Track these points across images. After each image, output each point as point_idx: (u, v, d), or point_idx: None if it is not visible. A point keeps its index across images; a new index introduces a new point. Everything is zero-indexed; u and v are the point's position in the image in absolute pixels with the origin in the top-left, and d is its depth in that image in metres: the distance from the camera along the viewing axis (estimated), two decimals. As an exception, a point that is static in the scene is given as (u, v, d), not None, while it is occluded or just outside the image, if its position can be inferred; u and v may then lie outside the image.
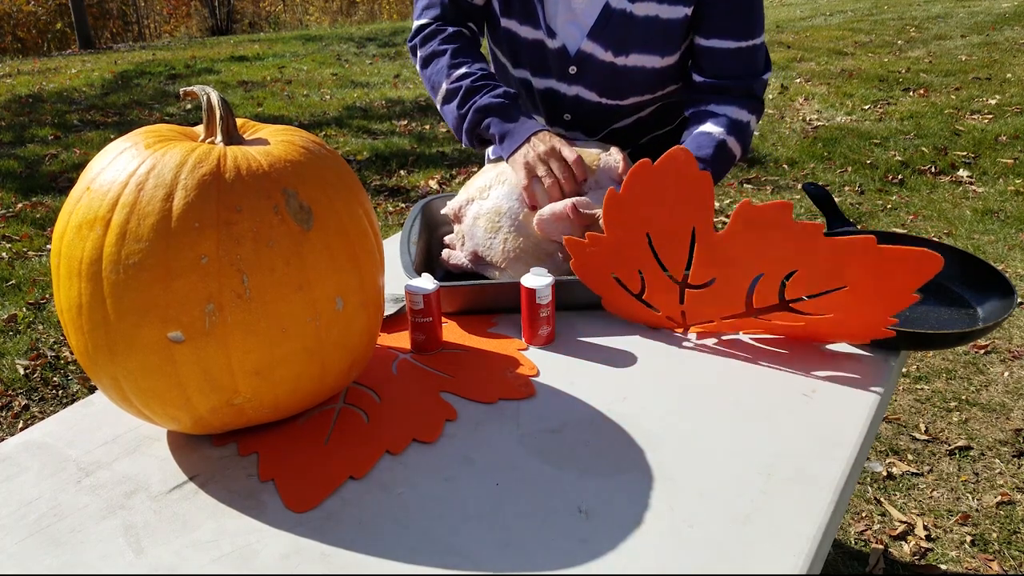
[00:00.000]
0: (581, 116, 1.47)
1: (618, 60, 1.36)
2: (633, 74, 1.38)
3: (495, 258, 1.27)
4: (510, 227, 1.26)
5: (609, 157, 1.29)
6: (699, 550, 0.78)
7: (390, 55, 8.33)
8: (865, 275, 0.96)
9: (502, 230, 1.26)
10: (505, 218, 1.26)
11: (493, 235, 1.27)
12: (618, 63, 1.36)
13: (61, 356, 2.90)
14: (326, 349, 0.91)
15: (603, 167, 1.29)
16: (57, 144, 5.54)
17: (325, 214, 0.89)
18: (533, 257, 1.26)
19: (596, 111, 1.45)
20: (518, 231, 1.26)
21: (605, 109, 1.44)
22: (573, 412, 1.01)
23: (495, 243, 1.27)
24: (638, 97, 1.42)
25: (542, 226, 1.24)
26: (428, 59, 1.40)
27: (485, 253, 1.28)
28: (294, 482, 0.89)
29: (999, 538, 1.93)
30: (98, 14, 14.56)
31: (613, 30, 1.33)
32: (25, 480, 0.92)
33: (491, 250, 1.27)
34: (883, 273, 0.95)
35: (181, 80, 7.51)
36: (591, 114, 1.46)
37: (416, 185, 4.55)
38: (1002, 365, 2.63)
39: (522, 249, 1.26)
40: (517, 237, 1.26)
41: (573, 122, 1.48)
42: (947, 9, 8.54)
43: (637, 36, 1.33)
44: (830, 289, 1.00)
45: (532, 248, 1.26)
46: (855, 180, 4.24)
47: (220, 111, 0.92)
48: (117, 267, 0.82)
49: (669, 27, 1.32)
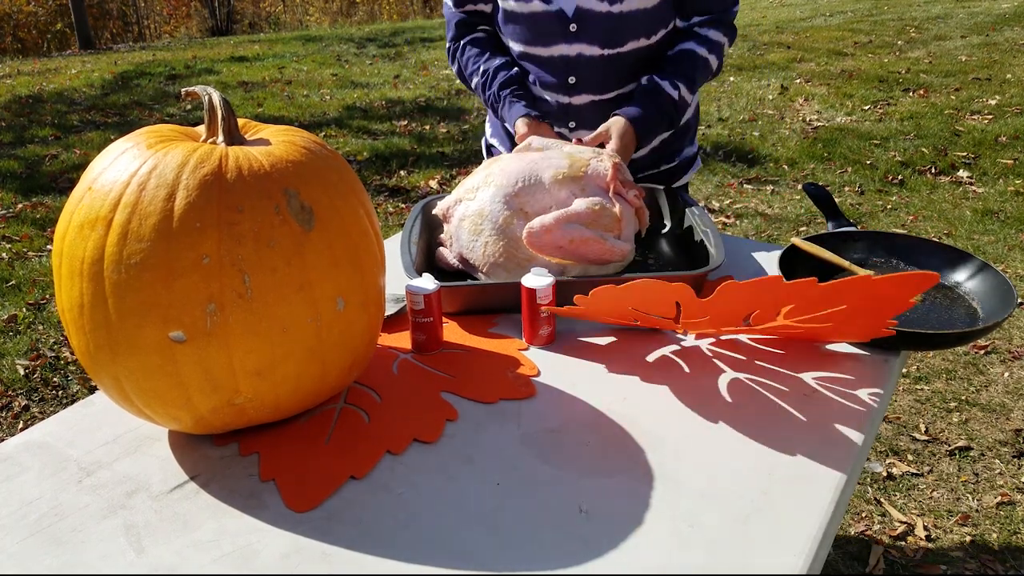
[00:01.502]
0: (586, 76, 1.53)
1: (614, 8, 1.44)
2: (630, 19, 1.46)
3: (476, 261, 1.27)
4: (491, 231, 1.25)
5: (599, 164, 1.28)
6: (699, 550, 0.79)
7: (390, 55, 8.33)
8: (863, 299, 0.96)
9: (484, 233, 1.25)
10: (487, 221, 1.25)
11: (475, 237, 1.26)
12: (615, 11, 1.44)
13: (61, 356, 2.90)
14: (327, 349, 0.91)
15: (591, 173, 1.28)
16: (57, 144, 5.54)
17: (326, 214, 0.90)
18: (512, 263, 1.24)
19: (597, 65, 1.51)
20: (498, 236, 1.25)
21: (607, 61, 1.50)
22: (573, 412, 1.01)
23: (476, 246, 1.26)
24: (635, 43, 1.49)
25: (531, 240, 1.23)
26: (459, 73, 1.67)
27: (469, 255, 1.28)
28: (295, 482, 0.89)
29: (999, 538, 1.93)
30: (98, 14, 14.56)
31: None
32: (26, 480, 0.92)
33: (473, 253, 1.26)
34: (881, 294, 0.95)
35: (181, 80, 7.51)
36: (594, 71, 1.52)
37: (416, 185, 4.55)
38: (1002, 365, 2.63)
39: (501, 254, 1.25)
40: (497, 242, 1.25)
41: (578, 84, 1.53)
42: (947, 9, 8.55)
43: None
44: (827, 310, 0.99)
45: (510, 254, 1.24)
46: (855, 180, 4.24)
47: (222, 111, 0.92)
48: (119, 267, 0.82)
49: None
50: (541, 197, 1.26)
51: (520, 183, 1.26)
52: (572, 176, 1.26)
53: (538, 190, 1.26)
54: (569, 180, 1.26)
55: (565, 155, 1.31)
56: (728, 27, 1.54)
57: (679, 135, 1.66)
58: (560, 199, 1.26)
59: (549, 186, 1.26)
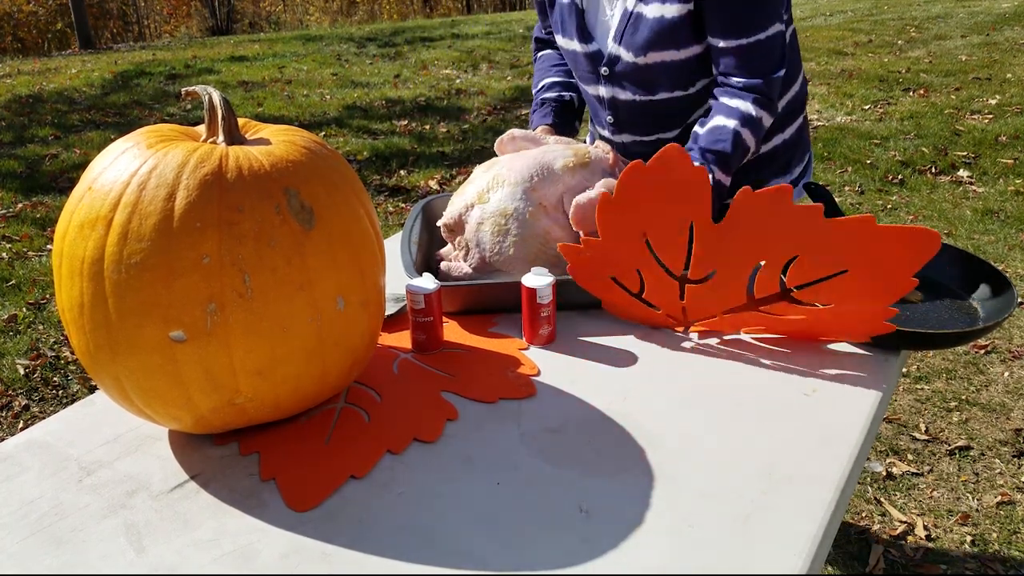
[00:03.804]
0: (624, 118, 1.54)
1: (639, 60, 1.41)
2: (656, 70, 1.43)
3: (504, 261, 1.26)
4: (518, 229, 1.25)
5: (597, 151, 1.33)
6: (699, 550, 0.79)
7: (390, 55, 8.33)
8: (865, 257, 0.97)
9: (510, 233, 1.25)
10: (512, 220, 1.25)
11: (501, 238, 1.25)
12: (639, 62, 1.42)
13: (61, 356, 2.90)
14: (327, 348, 0.91)
15: (595, 159, 1.31)
16: (57, 144, 5.54)
17: (326, 214, 0.90)
18: (543, 257, 1.25)
19: (634, 109, 1.51)
20: (527, 232, 1.25)
21: (642, 106, 1.50)
22: (574, 412, 1.01)
23: (505, 247, 1.25)
24: (668, 93, 1.46)
25: (579, 213, 1.22)
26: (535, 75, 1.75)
27: (494, 258, 1.26)
28: (295, 481, 0.89)
29: (999, 538, 1.93)
30: (98, 14, 14.56)
31: (631, 32, 1.40)
32: (26, 479, 0.92)
33: (500, 255, 1.25)
34: (883, 254, 0.96)
35: (181, 80, 7.51)
36: (632, 114, 1.52)
37: (416, 185, 4.55)
38: (1002, 365, 2.63)
39: (531, 250, 1.25)
40: (525, 238, 1.25)
41: (617, 123, 1.55)
42: (947, 9, 8.54)
43: (650, 35, 1.38)
44: (831, 275, 1.00)
45: (540, 248, 1.25)
46: (855, 180, 4.24)
47: (222, 111, 0.92)
48: (119, 267, 0.82)
49: (674, 25, 1.36)
50: (556, 187, 1.28)
51: (535, 177, 1.27)
52: (580, 163, 1.30)
53: (552, 180, 1.28)
54: (579, 167, 1.29)
55: (563, 146, 1.35)
56: (766, 101, 1.35)
57: (758, 165, 1.52)
58: (572, 186, 1.28)
59: (562, 175, 1.28)
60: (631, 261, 1.10)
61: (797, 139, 1.56)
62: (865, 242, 0.96)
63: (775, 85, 1.35)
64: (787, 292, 1.05)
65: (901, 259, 0.96)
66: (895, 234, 0.94)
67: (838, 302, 1.02)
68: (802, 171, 1.60)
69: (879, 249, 0.96)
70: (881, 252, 0.96)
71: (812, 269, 1.01)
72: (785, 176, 1.57)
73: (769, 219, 0.98)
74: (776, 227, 0.99)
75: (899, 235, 0.94)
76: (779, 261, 1.02)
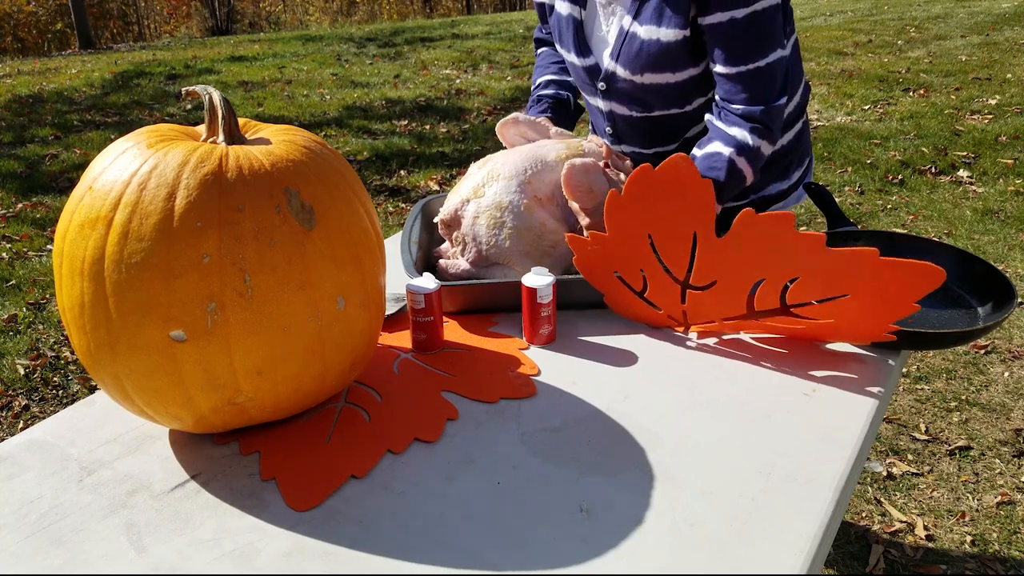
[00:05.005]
0: (623, 130, 1.54)
1: (635, 79, 1.41)
2: (652, 90, 1.42)
3: (500, 254, 1.26)
4: (513, 221, 1.25)
5: (589, 144, 1.34)
6: (699, 549, 0.79)
7: (390, 55, 8.33)
8: (867, 285, 0.96)
9: (505, 225, 1.25)
10: (507, 212, 1.25)
11: (497, 231, 1.26)
12: (636, 81, 1.41)
13: (61, 356, 2.90)
14: (327, 348, 0.91)
15: (588, 151, 1.32)
16: (57, 144, 5.54)
17: (327, 213, 0.90)
18: (538, 249, 1.26)
19: (630, 122, 1.51)
20: (521, 223, 1.25)
21: (639, 121, 1.50)
22: (574, 411, 1.01)
23: (500, 239, 1.25)
24: (664, 111, 1.45)
25: (571, 174, 1.24)
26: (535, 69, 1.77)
27: (490, 251, 1.27)
28: (296, 481, 0.89)
29: (999, 538, 1.94)
30: (98, 14, 14.57)
31: (627, 51, 1.40)
32: (27, 479, 0.92)
33: (496, 247, 1.26)
34: (885, 284, 0.95)
35: (181, 80, 7.51)
36: (631, 128, 1.52)
37: (416, 185, 4.56)
38: (1002, 365, 2.63)
39: (526, 241, 1.25)
40: (520, 230, 1.25)
41: (616, 135, 1.56)
42: (947, 9, 8.54)
43: (645, 56, 1.38)
44: (832, 296, 1.00)
45: (535, 239, 1.26)
46: (855, 180, 4.24)
47: (222, 111, 0.92)
48: (119, 266, 0.82)
49: (670, 48, 1.35)
50: (550, 178, 1.28)
51: (529, 170, 1.28)
52: (573, 155, 1.31)
53: (546, 172, 1.28)
54: (572, 158, 1.30)
55: (557, 140, 1.37)
56: (764, 131, 1.32)
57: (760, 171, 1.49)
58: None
59: (555, 166, 1.29)
60: (635, 260, 1.10)
61: (796, 144, 1.55)
62: (867, 273, 0.95)
63: (775, 114, 1.33)
64: (786, 308, 1.04)
65: (902, 288, 0.95)
66: (898, 268, 0.93)
67: (838, 319, 1.02)
68: (802, 175, 1.60)
69: (881, 279, 0.95)
70: (883, 282, 0.95)
71: (812, 290, 1.00)
72: (785, 181, 1.57)
73: (771, 243, 0.98)
74: (778, 251, 0.98)
75: (902, 269, 0.93)
76: (780, 280, 1.02)
